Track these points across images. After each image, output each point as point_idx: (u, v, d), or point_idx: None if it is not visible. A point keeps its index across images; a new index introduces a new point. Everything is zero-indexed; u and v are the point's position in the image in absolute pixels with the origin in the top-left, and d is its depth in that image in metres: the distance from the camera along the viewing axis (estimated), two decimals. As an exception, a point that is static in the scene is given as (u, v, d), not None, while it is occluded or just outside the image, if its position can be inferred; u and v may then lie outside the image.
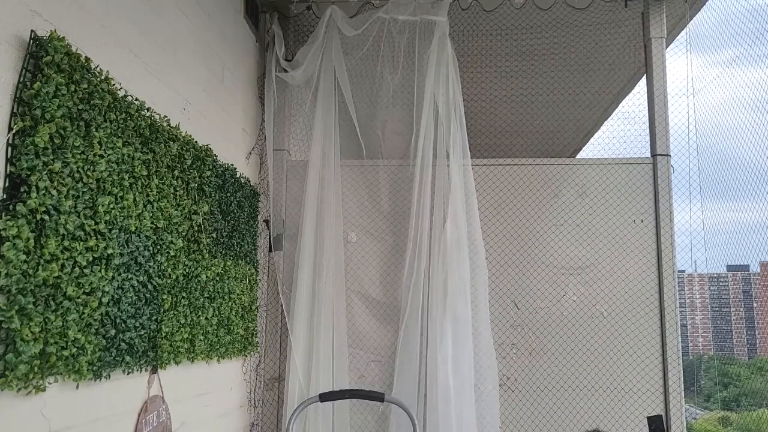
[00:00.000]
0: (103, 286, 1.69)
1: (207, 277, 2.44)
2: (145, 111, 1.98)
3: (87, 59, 1.64)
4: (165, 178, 2.10)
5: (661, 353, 3.07)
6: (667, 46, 3.36)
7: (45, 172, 1.45)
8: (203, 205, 2.42)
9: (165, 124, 2.12)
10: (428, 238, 3.05)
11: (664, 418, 3.00)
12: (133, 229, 1.86)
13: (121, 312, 1.79)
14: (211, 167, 2.51)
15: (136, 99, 1.92)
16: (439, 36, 3.16)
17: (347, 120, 3.28)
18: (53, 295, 1.48)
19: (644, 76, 3.42)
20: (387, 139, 3.31)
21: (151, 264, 1.98)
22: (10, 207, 1.37)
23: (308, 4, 3.39)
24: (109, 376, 1.75)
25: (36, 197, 1.41)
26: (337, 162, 3.22)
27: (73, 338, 1.54)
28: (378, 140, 3.32)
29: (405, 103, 3.27)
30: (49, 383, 1.49)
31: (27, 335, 1.37)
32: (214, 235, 2.54)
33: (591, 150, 4.89)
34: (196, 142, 2.37)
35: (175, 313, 2.16)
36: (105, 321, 1.71)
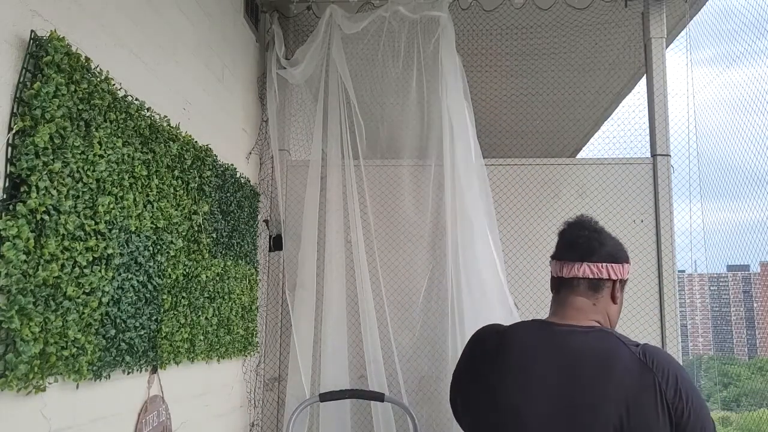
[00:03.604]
0: (103, 286, 1.69)
1: (207, 277, 2.44)
2: (145, 111, 1.98)
3: (87, 59, 1.64)
4: (165, 178, 2.10)
5: (661, 353, 3.07)
6: (667, 46, 3.36)
7: (45, 172, 1.45)
8: (203, 205, 2.42)
9: (165, 124, 2.12)
10: (449, 241, 3.05)
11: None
12: (133, 229, 1.86)
13: (121, 312, 1.79)
14: (211, 167, 2.51)
15: (136, 99, 1.92)
16: (440, 33, 3.16)
17: (349, 119, 3.27)
18: (53, 295, 1.48)
19: (644, 76, 3.42)
20: (390, 139, 3.31)
21: (151, 264, 1.98)
22: (10, 207, 1.37)
23: (308, 4, 3.39)
24: (109, 376, 1.75)
25: (36, 197, 1.41)
26: (338, 161, 3.22)
27: (73, 338, 1.55)
28: (381, 140, 3.31)
29: (407, 103, 3.26)
30: (49, 383, 1.49)
31: (27, 335, 1.37)
32: (214, 235, 2.54)
33: (591, 150, 4.89)
34: (196, 142, 2.37)
35: (175, 313, 2.16)
36: (105, 321, 1.71)
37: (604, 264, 1.53)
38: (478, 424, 1.50)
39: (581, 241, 1.55)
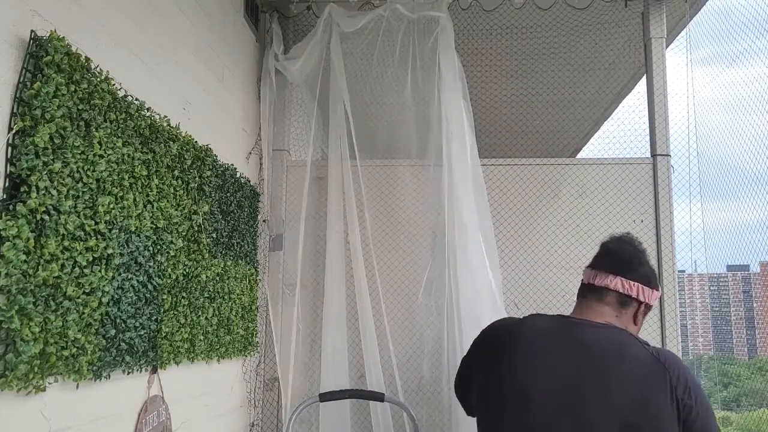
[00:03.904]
0: (103, 286, 1.69)
1: (207, 277, 2.44)
2: (145, 111, 1.98)
3: (87, 59, 1.64)
4: (165, 178, 2.10)
5: (661, 353, 3.07)
6: (667, 46, 3.36)
7: (45, 172, 1.45)
8: (203, 205, 2.42)
9: (165, 124, 2.12)
10: (445, 240, 3.05)
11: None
12: (133, 229, 1.86)
13: (121, 312, 1.79)
14: (211, 167, 2.51)
15: (136, 99, 1.92)
16: (438, 32, 3.15)
17: (348, 119, 3.27)
18: (53, 295, 1.48)
19: (644, 76, 3.42)
20: (389, 139, 3.31)
21: (151, 264, 1.98)
22: (10, 207, 1.37)
23: (308, 4, 3.39)
24: (109, 376, 1.75)
25: (36, 197, 1.41)
26: (337, 161, 3.22)
27: (73, 338, 1.54)
28: (379, 139, 3.31)
29: (404, 102, 3.26)
30: (49, 383, 1.49)
31: (27, 335, 1.37)
32: (214, 235, 2.54)
33: (591, 150, 4.89)
34: (196, 142, 2.37)
35: (175, 313, 2.16)
36: (105, 321, 1.71)
37: (636, 283, 1.54)
38: (485, 408, 1.52)
39: (622, 255, 1.57)
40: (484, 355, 1.58)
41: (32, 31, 1.46)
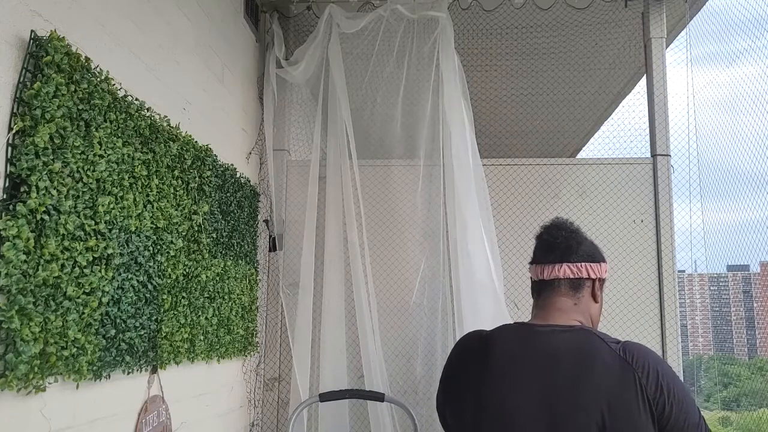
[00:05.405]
0: (103, 286, 1.69)
1: (207, 277, 2.44)
2: (145, 111, 1.98)
3: (87, 59, 1.64)
4: (165, 178, 2.10)
5: (661, 353, 3.07)
6: (667, 46, 3.36)
7: (45, 172, 1.45)
8: (203, 205, 2.42)
9: (165, 124, 2.12)
10: (443, 239, 3.04)
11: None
12: (133, 229, 1.86)
13: (121, 312, 1.79)
14: (211, 167, 2.51)
15: (136, 99, 1.92)
16: (438, 33, 3.16)
17: (349, 119, 3.27)
18: (53, 295, 1.48)
19: (644, 76, 3.42)
20: (388, 139, 3.30)
21: (151, 264, 1.98)
22: (10, 207, 1.37)
23: (308, 4, 3.39)
24: (109, 376, 1.75)
25: (36, 197, 1.41)
26: (338, 161, 3.22)
27: (73, 338, 1.55)
28: (379, 140, 3.31)
29: (402, 102, 3.26)
30: (49, 383, 1.49)
31: (27, 335, 1.37)
32: (214, 235, 2.54)
33: (591, 150, 4.89)
34: (196, 142, 2.37)
35: (175, 313, 2.16)
36: (105, 321, 1.71)
37: (583, 263, 1.55)
38: (466, 429, 1.49)
39: (560, 241, 1.58)
40: (460, 376, 1.55)
41: (32, 31, 1.46)
